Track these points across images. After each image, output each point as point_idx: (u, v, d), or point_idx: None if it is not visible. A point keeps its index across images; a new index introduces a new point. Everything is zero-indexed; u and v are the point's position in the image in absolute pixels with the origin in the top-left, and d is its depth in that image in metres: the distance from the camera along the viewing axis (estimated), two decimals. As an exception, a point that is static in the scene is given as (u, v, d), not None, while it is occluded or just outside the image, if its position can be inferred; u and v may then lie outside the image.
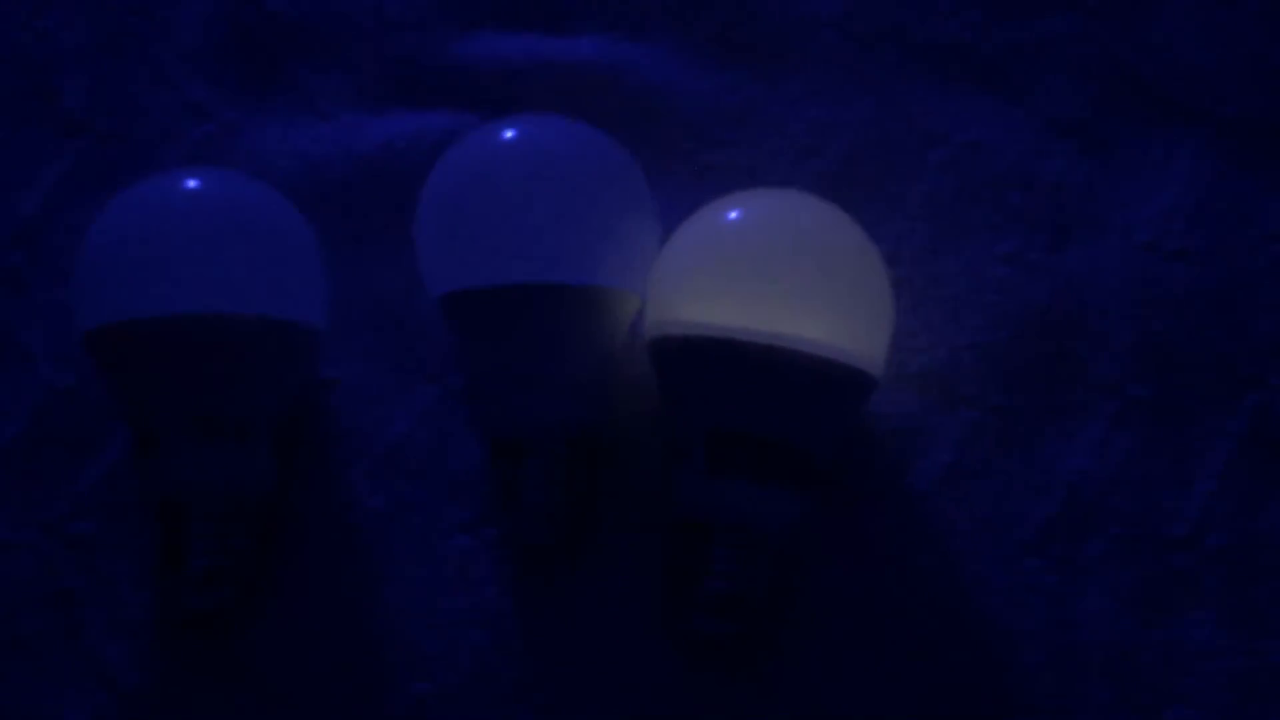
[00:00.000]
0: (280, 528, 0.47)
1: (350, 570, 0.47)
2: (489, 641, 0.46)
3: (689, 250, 0.45)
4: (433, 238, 0.47)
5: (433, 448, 0.49)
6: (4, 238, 0.53)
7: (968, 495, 0.47)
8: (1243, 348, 0.49)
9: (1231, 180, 0.52)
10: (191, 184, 0.46)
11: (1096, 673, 0.44)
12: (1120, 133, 0.53)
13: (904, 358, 0.49)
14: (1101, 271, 0.50)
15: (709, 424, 0.43)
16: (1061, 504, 0.47)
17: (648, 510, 0.47)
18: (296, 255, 0.46)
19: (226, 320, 0.44)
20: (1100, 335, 0.49)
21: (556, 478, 0.45)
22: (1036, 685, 0.44)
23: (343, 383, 0.50)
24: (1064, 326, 0.50)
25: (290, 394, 0.47)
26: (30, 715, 0.45)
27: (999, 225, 0.51)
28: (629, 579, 0.47)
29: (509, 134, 0.46)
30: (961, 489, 0.47)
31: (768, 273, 0.43)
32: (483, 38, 0.56)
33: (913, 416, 0.49)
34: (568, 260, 0.45)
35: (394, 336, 0.51)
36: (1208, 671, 0.44)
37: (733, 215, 0.45)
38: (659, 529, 0.46)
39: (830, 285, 0.43)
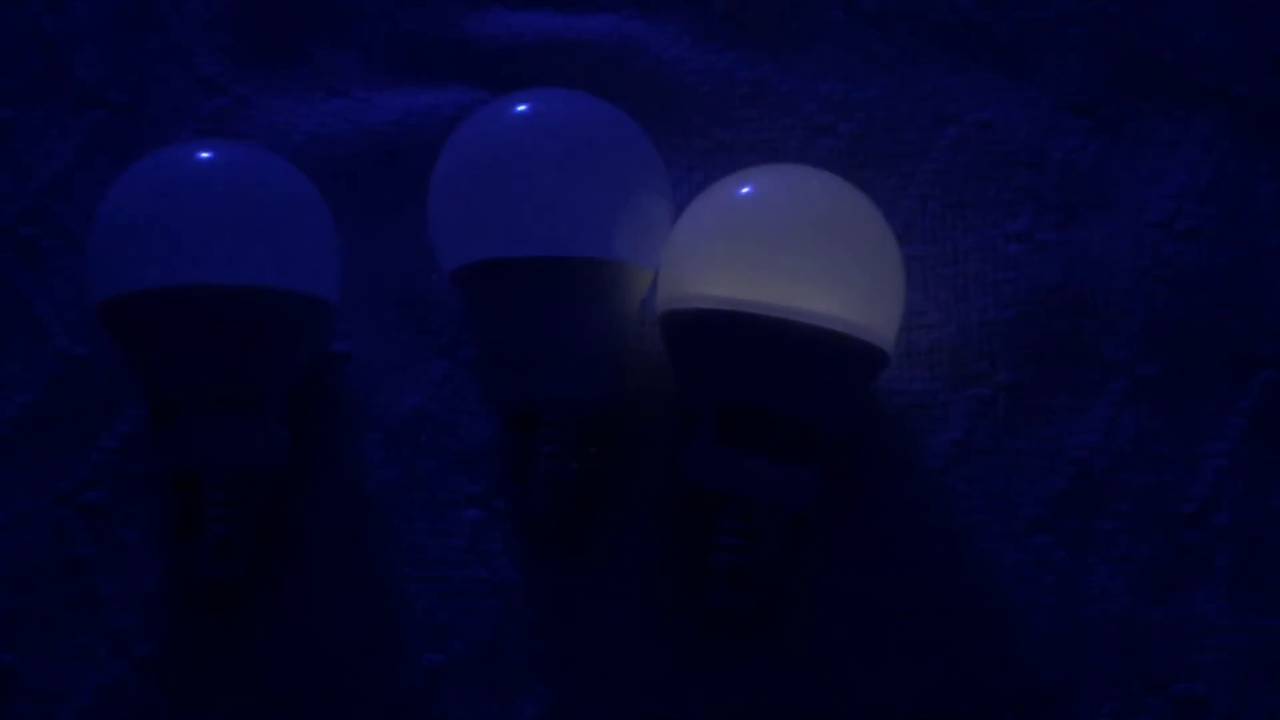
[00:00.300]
0: (293, 498, 0.48)
1: (362, 541, 0.47)
2: (500, 612, 0.46)
3: (701, 225, 0.45)
4: (445, 211, 0.47)
5: (444, 421, 0.49)
6: (17, 210, 0.53)
7: (977, 472, 0.48)
8: (1253, 327, 0.49)
9: (1244, 160, 0.52)
10: (205, 155, 0.46)
11: (1105, 648, 0.45)
12: (1132, 112, 0.53)
13: (914, 335, 0.49)
14: (1112, 250, 0.50)
15: (720, 397, 0.44)
16: (1071, 480, 0.47)
17: (659, 485, 0.47)
18: (310, 228, 0.47)
19: (238, 291, 0.44)
20: (1110, 313, 0.49)
21: (569, 450, 0.46)
22: (1045, 660, 0.45)
23: (355, 356, 0.50)
24: (1074, 304, 0.50)
25: (304, 366, 0.47)
26: (45, 683, 0.46)
27: (1010, 203, 0.52)
28: (640, 552, 0.47)
29: (521, 108, 0.46)
30: (971, 466, 0.48)
31: (779, 247, 0.43)
32: (495, 13, 0.56)
33: (922, 393, 0.49)
34: (581, 234, 0.45)
35: (406, 310, 0.51)
36: (1217, 647, 0.45)
37: (745, 190, 0.45)
38: (670, 504, 0.47)
39: (842, 259, 0.44)
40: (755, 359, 0.43)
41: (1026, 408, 0.48)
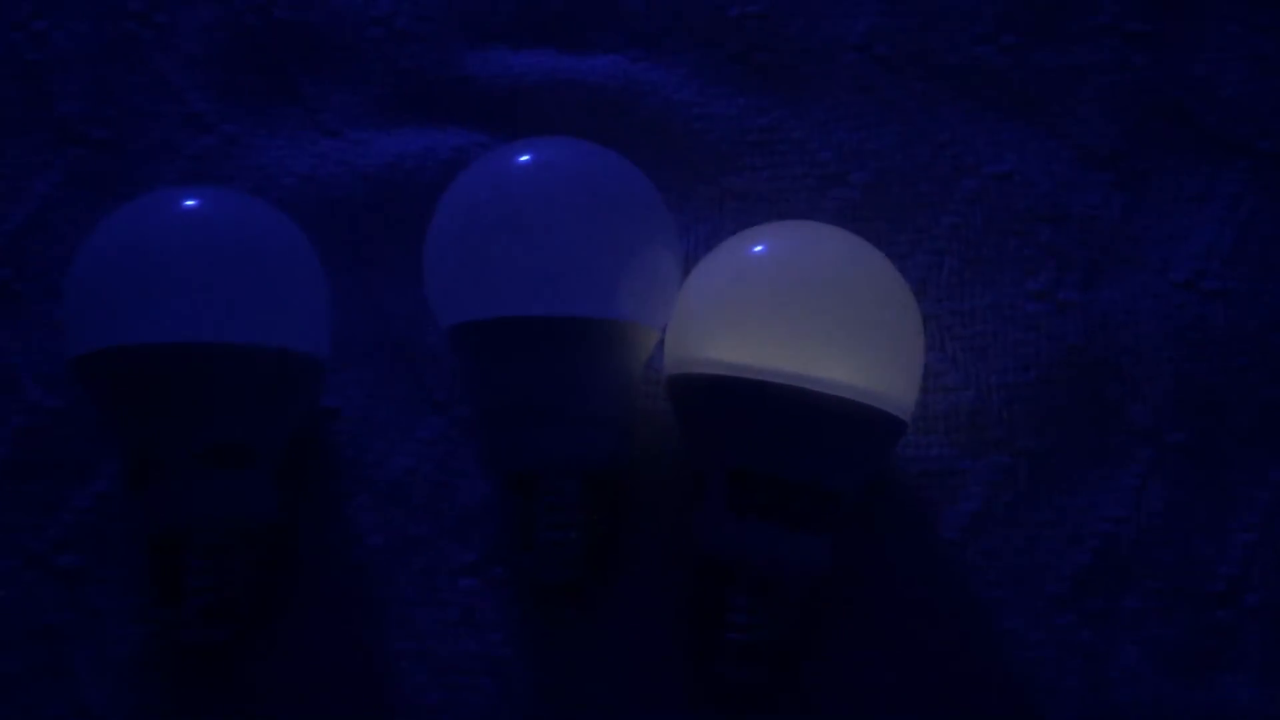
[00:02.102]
0: (280, 563, 0.45)
1: (349, 611, 0.45)
2: (496, 691, 0.44)
3: (711, 286, 0.43)
4: (443, 265, 0.45)
5: (438, 482, 0.47)
6: (-9, 251, 0.51)
7: (997, 545, 0.45)
8: (1284, 393, 0.47)
9: (1273, 216, 0.50)
10: (189, 202, 0.44)
11: (1132, 735, 0.43)
12: (1158, 165, 0.51)
13: (930, 398, 0.47)
14: (1137, 310, 0.48)
15: (731, 464, 0.41)
16: (1095, 555, 0.45)
17: (668, 549, 0.45)
18: (299, 280, 0.44)
19: (223, 349, 0.42)
20: (1136, 377, 0.47)
21: (572, 515, 0.43)
22: (1069, 748, 0.43)
23: (345, 412, 0.48)
24: (1097, 368, 0.48)
25: (291, 424, 0.45)
26: (11, 760, 0.43)
27: (1030, 260, 0.49)
28: (648, 622, 0.45)
29: (526, 157, 0.44)
30: (990, 538, 0.46)
31: (792, 311, 0.41)
32: (497, 53, 0.54)
33: (939, 460, 0.47)
34: (586, 293, 0.43)
35: (399, 364, 0.49)
36: (1249, 737, 0.43)
37: (756, 249, 0.43)
38: (679, 569, 0.44)
39: (858, 324, 0.41)
40: (767, 427, 0.41)
41: (1048, 477, 0.46)
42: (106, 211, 0.45)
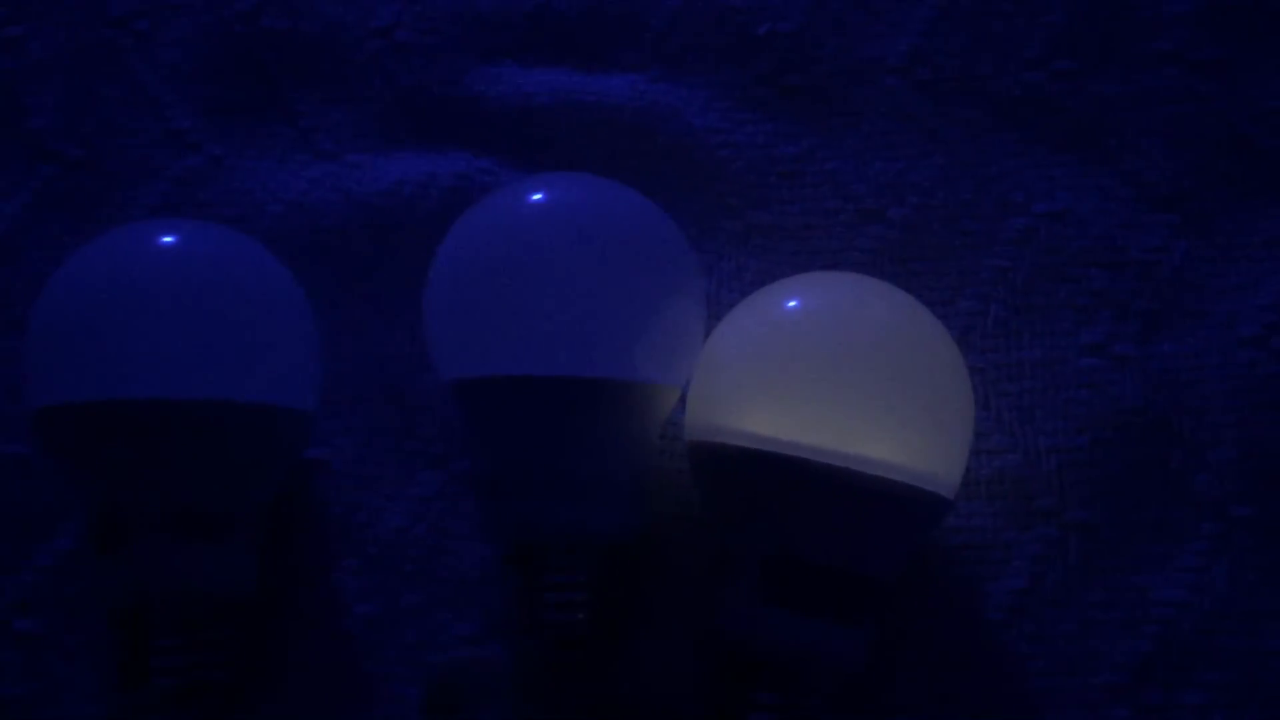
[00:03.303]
0: (257, 636, 0.41)
1: (335, 688, 0.41)
2: (492, 787, 0.40)
3: (739, 346, 0.39)
4: (445, 314, 0.40)
5: (433, 545, 0.43)
6: (-48, 277, 0.47)
7: (1045, 628, 0.41)
8: (1364, 464, 0.43)
9: (1350, 267, 0.45)
10: (163, 241, 0.40)
11: None
12: (1224, 207, 0.46)
13: (972, 461, 0.43)
14: (1201, 368, 0.44)
15: (763, 549, 0.37)
16: (1155, 642, 0.41)
17: (686, 626, 0.41)
18: (285, 328, 0.40)
19: (200, 407, 0.38)
20: (1199, 443, 0.43)
21: (580, 594, 0.39)
22: None
23: (333, 464, 0.44)
24: (1157, 431, 0.43)
25: (273, 486, 0.41)
26: None
27: (1084, 309, 0.45)
28: (663, 707, 0.41)
29: (539, 197, 0.40)
30: (1038, 620, 0.42)
31: (830, 379, 0.37)
32: (505, 71, 0.50)
33: (982, 531, 0.43)
34: (604, 352, 0.38)
35: (393, 412, 0.45)
36: None
37: (790, 304, 0.39)
38: (698, 649, 0.41)
39: (904, 396, 0.37)
40: (802, 509, 0.37)
41: (1102, 552, 0.42)
42: (80, 238, 0.42)
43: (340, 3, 0.51)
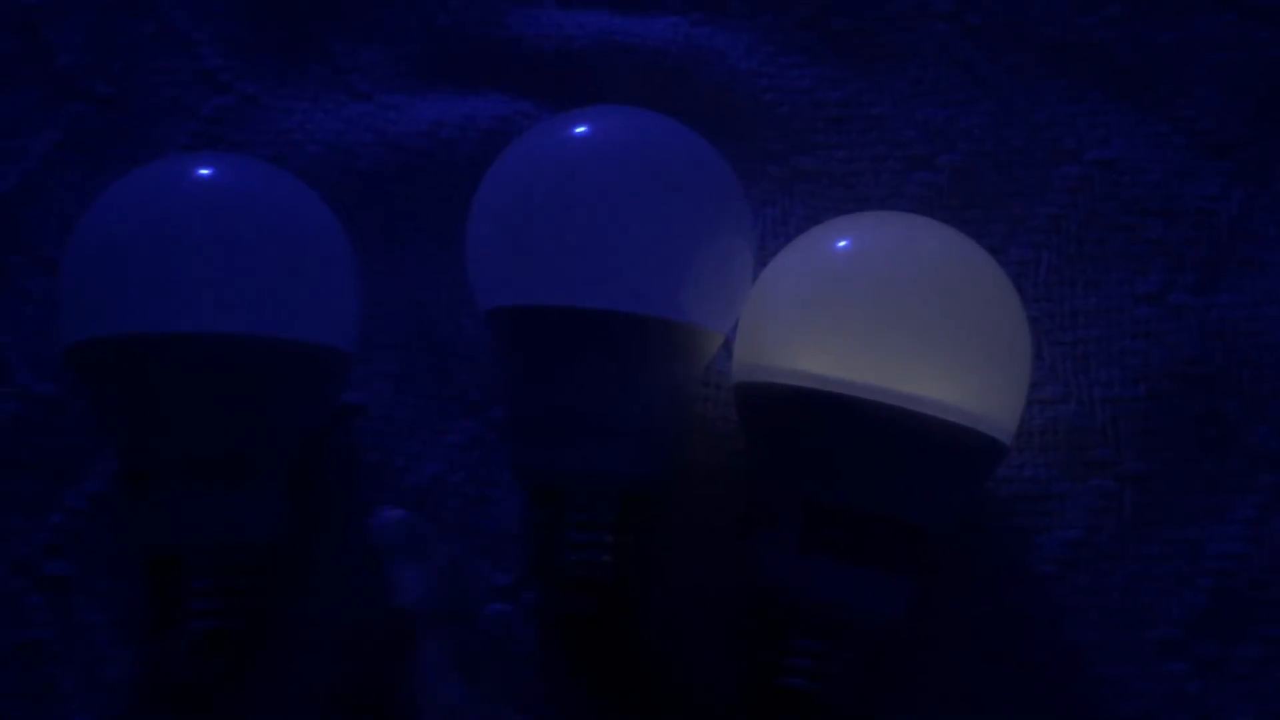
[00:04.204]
0: (288, 586, 0.40)
1: (368, 643, 0.40)
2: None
3: (795, 284, 0.38)
4: (489, 241, 0.39)
5: (469, 494, 0.42)
6: (-21, 217, 0.46)
7: (1099, 580, 0.40)
8: None
9: None
10: (201, 173, 0.39)
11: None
12: (1280, 155, 0.45)
13: (1027, 412, 0.42)
14: (1259, 318, 0.43)
15: (805, 493, 0.36)
16: (1210, 596, 0.40)
17: (714, 577, 0.41)
18: (325, 263, 0.39)
19: (237, 341, 0.37)
20: (1257, 394, 0.42)
21: (602, 538, 0.38)
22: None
23: (370, 409, 0.43)
24: (1214, 382, 0.42)
25: (308, 429, 0.40)
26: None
27: (1139, 259, 0.44)
28: (690, 658, 0.40)
29: (586, 128, 0.39)
30: (1091, 573, 0.41)
31: (884, 316, 0.36)
32: (545, 12, 0.48)
33: (1035, 482, 0.42)
34: (648, 288, 0.37)
35: (431, 358, 0.44)
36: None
37: (842, 244, 0.38)
38: (727, 601, 0.40)
39: (959, 335, 0.36)
40: (851, 451, 0.36)
41: (1157, 505, 0.41)
42: (109, 177, 0.40)
43: (375, -58, 0.50)
